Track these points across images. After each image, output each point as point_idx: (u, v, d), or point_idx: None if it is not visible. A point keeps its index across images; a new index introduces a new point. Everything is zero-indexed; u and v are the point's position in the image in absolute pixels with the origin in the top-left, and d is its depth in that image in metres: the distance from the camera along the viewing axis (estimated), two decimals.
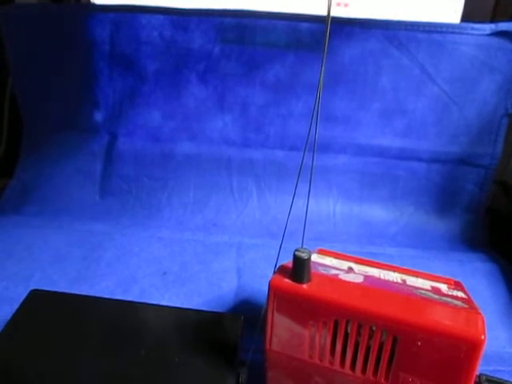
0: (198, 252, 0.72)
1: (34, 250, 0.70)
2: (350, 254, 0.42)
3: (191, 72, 0.80)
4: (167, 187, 0.84)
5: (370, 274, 0.38)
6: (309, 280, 0.34)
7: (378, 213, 0.83)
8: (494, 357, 0.52)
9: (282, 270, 0.36)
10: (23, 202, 0.83)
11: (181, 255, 0.71)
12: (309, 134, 0.38)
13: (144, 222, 0.79)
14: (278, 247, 0.37)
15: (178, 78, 0.80)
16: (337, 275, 0.36)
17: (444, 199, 0.83)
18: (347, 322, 0.33)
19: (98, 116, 0.85)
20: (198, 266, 0.69)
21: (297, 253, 0.33)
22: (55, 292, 0.51)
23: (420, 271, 0.41)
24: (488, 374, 0.35)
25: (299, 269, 0.34)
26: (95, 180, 0.85)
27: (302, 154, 0.41)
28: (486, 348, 0.30)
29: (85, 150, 0.86)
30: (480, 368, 0.31)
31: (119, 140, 0.85)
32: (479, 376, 0.35)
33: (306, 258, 0.33)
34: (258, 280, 0.65)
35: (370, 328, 0.33)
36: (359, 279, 0.36)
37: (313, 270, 0.35)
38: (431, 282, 0.38)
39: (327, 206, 0.83)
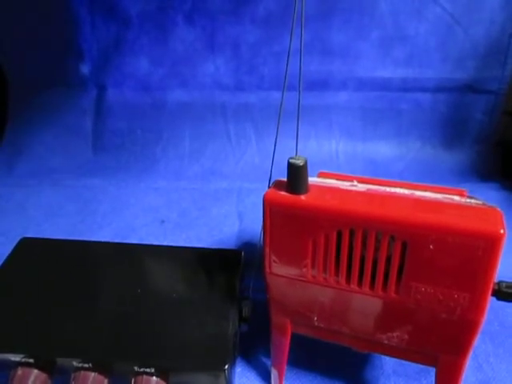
0: (196, 199, 0.69)
1: (27, 207, 0.68)
2: (353, 175, 0.39)
3: (177, 12, 0.75)
4: (162, 139, 0.81)
5: (374, 188, 0.35)
6: (306, 190, 0.31)
7: (383, 150, 0.79)
8: None
9: (277, 184, 0.33)
10: (15, 162, 0.80)
11: (178, 203, 0.68)
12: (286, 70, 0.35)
13: (139, 174, 0.76)
14: None
15: (163, 19, 0.76)
16: (337, 186, 0.33)
17: (451, 131, 0.79)
18: (351, 233, 0.30)
19: (84, 68, 0.81)
20: (197, 212, 0.66)
21: (291, 160, 0.30)
22: (46, 238, 0.48)
23: (429, 185, 0.37)
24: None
25: (295, 177, 0.30)
26: (87, 136, 0.82)
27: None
28: None
29: (74, 106, 0.83)
30: None
31: (108, 92, 0.81)
32: (498, 283, 0.32)
33: (301, 164, 0.30)
34: (260, 222, 0.62)
35: (376, 237, 0.30)
36: (362, 189, 0.33)
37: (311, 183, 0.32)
38: (442, 194, 0.34)
39: (329, 147, 0.79)
